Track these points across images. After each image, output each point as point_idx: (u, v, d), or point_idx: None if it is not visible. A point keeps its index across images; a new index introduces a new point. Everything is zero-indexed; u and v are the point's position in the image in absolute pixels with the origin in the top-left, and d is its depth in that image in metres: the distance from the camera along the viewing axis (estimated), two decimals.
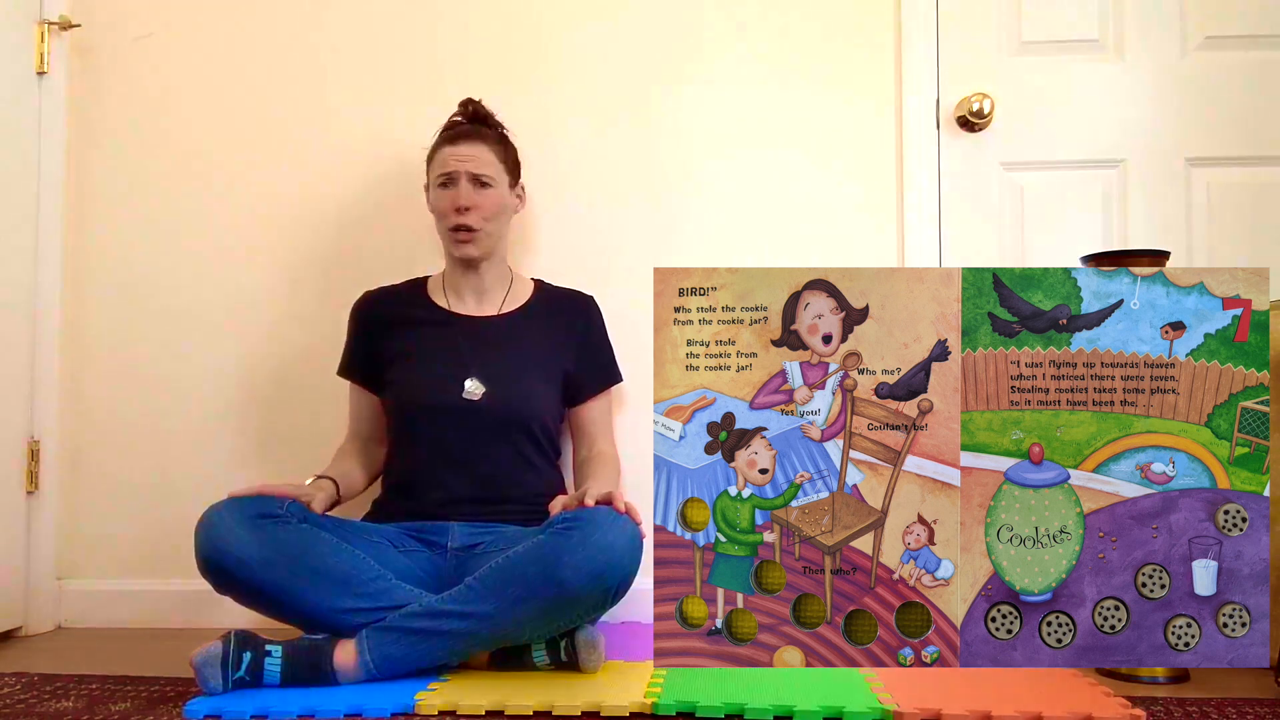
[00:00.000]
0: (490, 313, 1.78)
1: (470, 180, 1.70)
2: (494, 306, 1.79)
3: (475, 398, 1.67)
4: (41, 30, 1.94)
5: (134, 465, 1.98)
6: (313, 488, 1.60)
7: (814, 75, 1.97)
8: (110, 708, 1.35)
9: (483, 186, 1.70)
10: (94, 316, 2.00)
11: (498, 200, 1.72)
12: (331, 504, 1.63)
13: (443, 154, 1.72)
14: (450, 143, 1.72)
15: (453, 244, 1.73)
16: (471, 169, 1.69)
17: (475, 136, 1.73)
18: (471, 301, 1.79)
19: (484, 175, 1.70)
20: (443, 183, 1.71)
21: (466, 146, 1.71)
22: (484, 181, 1.70)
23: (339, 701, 1.30)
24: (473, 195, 1.69)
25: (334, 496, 1.64)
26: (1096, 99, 1.96)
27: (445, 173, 1.70)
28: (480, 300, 1.79)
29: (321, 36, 2.01)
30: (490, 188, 1.71)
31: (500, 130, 1.80)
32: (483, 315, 1.78)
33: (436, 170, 1.73)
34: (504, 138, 1.79)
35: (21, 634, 1.89)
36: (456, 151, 1.71)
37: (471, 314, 1.77)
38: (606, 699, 1.31)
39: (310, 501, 1.54)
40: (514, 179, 1.78)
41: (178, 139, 2.01)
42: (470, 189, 1.69)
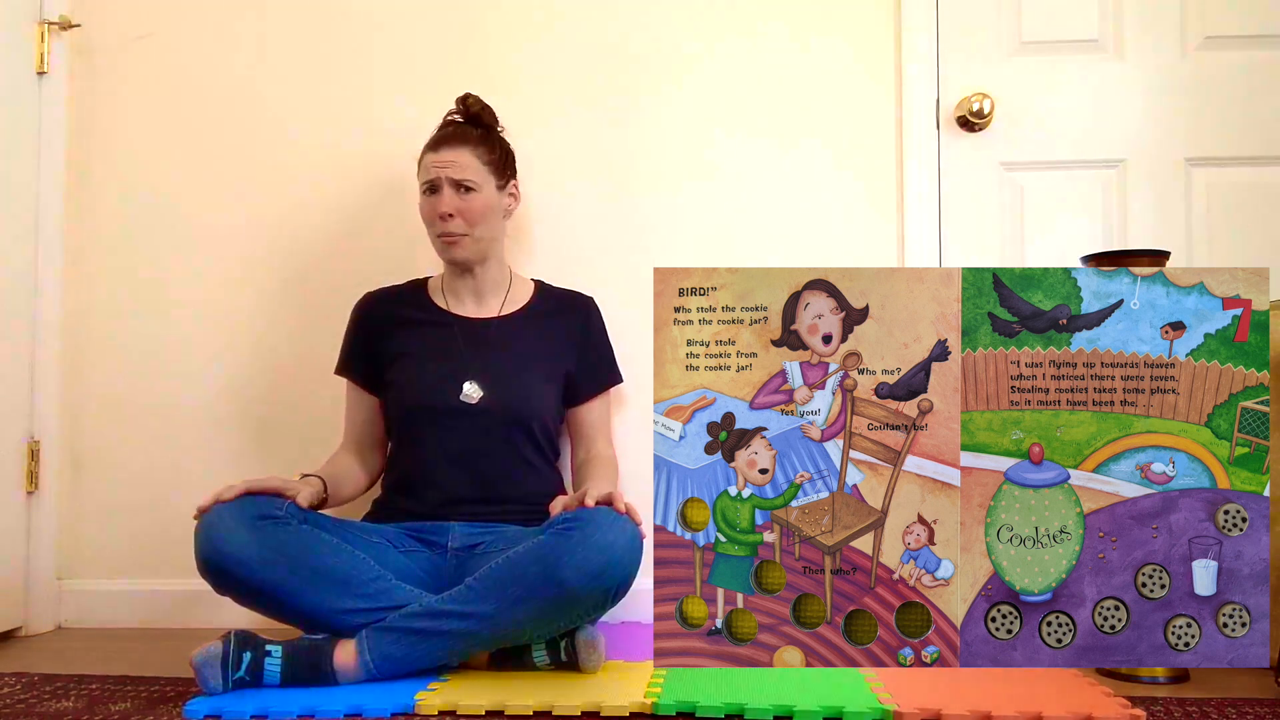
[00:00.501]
0: (489, 314, 1.78)
1: (452, 186, 1.69)
2: (493, 308, 1.79)
3: (473, 401, 1.67)
4: (41, 30, 1.94)
5: (134, 465, 1.98)
6: (300, 483, 1.57)
7: (814, 74, 1.97)
8: (110, 708, 1.35)
9: (466, 191, 1.69)
10: (94, 316, 2.00)
11: (483, 204, 1.71)
12: (318, 502, 1.60)
13: (425, 161, 1.72)
14: (433, 149, 1.72)
15: (440, 249, 1.73)
16: (452, 174, 1.68)
17: (458, 140, 1.71)
18: (470, 303, 1.79)
19: (466, 180, 1.69)
20: (426, 190, 1.71)
21: (448, 152, 1.70)
22: (467, 186, 1.69)
23: (339, 701, 1.30)
24: (455, 201, 1.69)
25: (321, 494, 1.61)
26: (1096, 99, 1.96)
27: (427, 180, 1.71)
28: (479, 302, 1.79)
29: (321, 37, 2.01)
30: (474, 192, 1.70)
31: (492, 128, 1.78)
32: (481, 317, 1.77)
33: (421, 177, 1.73)
34: (492, 137, 1.76)
35: (21, 634, 1.89)
36: (438, 158, 1.70)
37: (470, 315, 1.77)
38: (606, 699, 1.31)
39: (296, 495, 1.52)
40: (504, 179, 1.76)
41: (177, 139, 2.01)
42: (452, 195, 1.69)
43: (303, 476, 1.63)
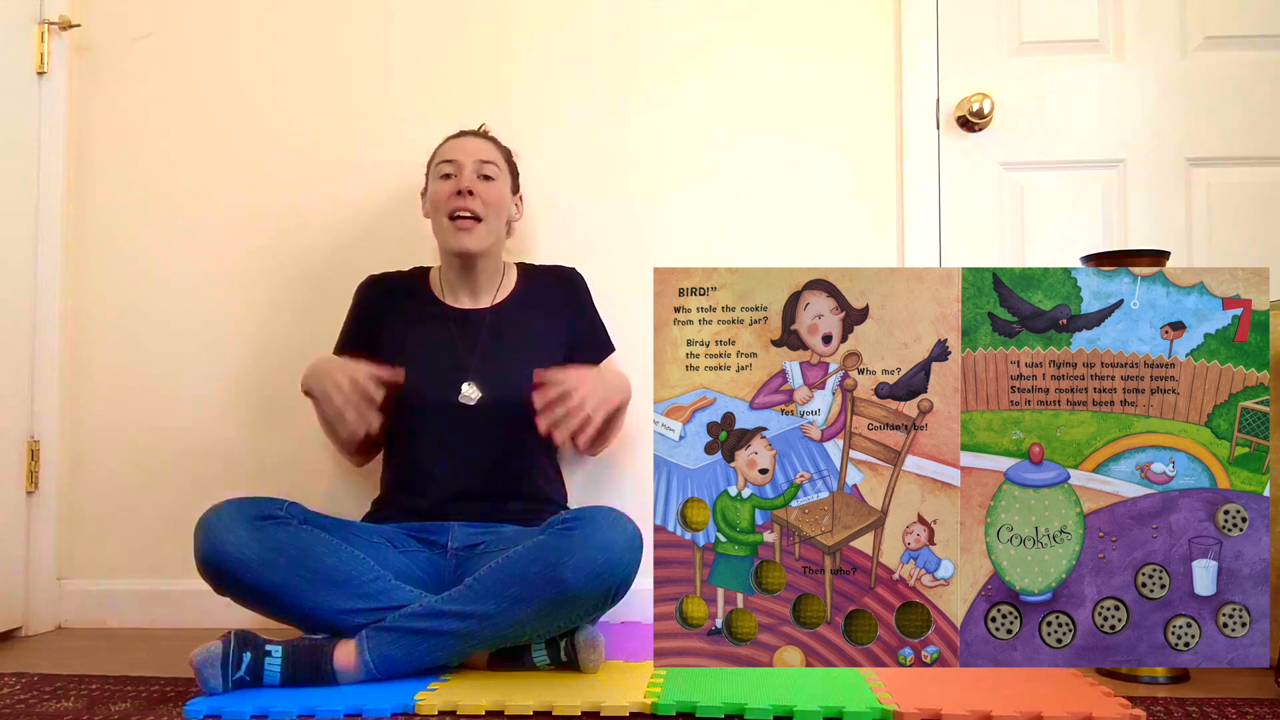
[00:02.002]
0: (483, 306, 1.78)
1: (475, 168, 1.71)
2: (486, 300, 1.79)
3: (471, 402, 1.67)
4: (41, 30, 1.94)
5: (134, 465, 1.98)
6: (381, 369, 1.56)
7: (813, 74, 1.97)
8: (110, 708, 1.35)
9: (487, 179, 1.72)
10: (94, 316, 2.00)
11: (500, 194, 1.73)
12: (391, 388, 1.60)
13: (446, 147, 1.75)
14: (456, 136, 1.76)
15: (452, 233, 1.70)
16: (479, 156, 1.72)
17: (479, 136, 1.78)
18: (466, 297, 1.79)
19: (488, 167, 1.72)
20: (445, 174, 1.72)
21: (470, 141, 1.74)
22: (488, 174, 1.72)
23: (339, 701, 1.30)
24: (476, 183, 1.70)
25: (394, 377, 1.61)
26: (1096, 99, 1.96)
27: (449, 160, 1.72)
28: (474, 296, 1.79)
29: (321, 36, 2.01)
30: (493, 180, 1.73)
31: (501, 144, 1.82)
32: (476, 309, 1.78)
33: (439, 162, 1.74)
34: (505, 148, 1.81)
35: (21, 634, 1.89)
36: (461, 144, 1.74)
37: (466, 308, 1.78)
38: (606, 699, 1.31)
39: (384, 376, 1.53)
40: (514, 186, 1.81)
41: (178, 139, 2.01)
42: (474, 177, 1.71)
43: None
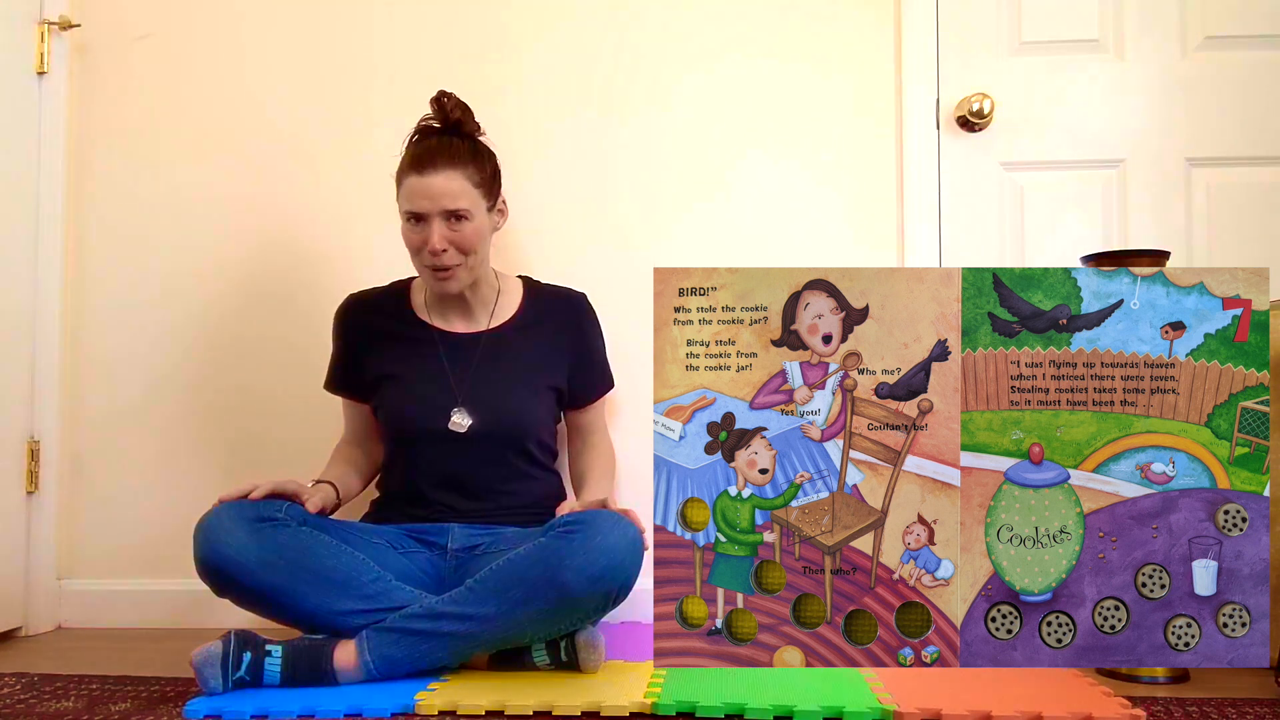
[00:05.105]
0: (477, 329, 1.71)
1: (442, 218, 1.56)
2: (481, 322, 1.72)
3: (461, 430, 1.63)
4: (41, 30, 1.94)
5: (134, 466, 1.98)
6: (312, 490, 1.58)
7: (814, 74, 1.97)
8: (110, 708, 1.35)
9: (458, 220, 1.57)
10: (94, 316, 2.00)
11: (474, 231, 1.59)
12: (332, 508, 1.62)
13: (409, 185, 1.56)
14: (418, 170, 1.55)
15: (431, 279, 1.61)
16: (445, 205, 1.55)
17: (446, 160, 1.56)
18: (458, 320, 1.71)
19: (458, 209, 1.56)
20: (411, 219, 1.58)
21: (435, 177, 1.54)
22: (459, 213, 1.56)
23: (339, 701, 1.30)
24: (447, 233, 1.56)
25: (334, 500, 1.63)
26: (1096, 99, 1.96)
27: (413, 211, 1.56)
28: (467, 319, 1.71)
29: (321, 37, 2.01)
30: (466, 220, 1.57)
31: (475, 137, 1.65)
32: (470, 332, 1.70)
33: (404, 204, 1.58)
34: (479, 150, 1.63)
35: (21, 634, 1.89)
36: (426, 186, 1.54)
37: (457, 331, 1.71)
38: (606, 699, 1.31)
39: (303, 497, 1.52)
40: (492, 198, 1.64)
41: (177, 139, 2.01)
42: (443, 227, 1.56)
43: (316, 483, 1.64)
